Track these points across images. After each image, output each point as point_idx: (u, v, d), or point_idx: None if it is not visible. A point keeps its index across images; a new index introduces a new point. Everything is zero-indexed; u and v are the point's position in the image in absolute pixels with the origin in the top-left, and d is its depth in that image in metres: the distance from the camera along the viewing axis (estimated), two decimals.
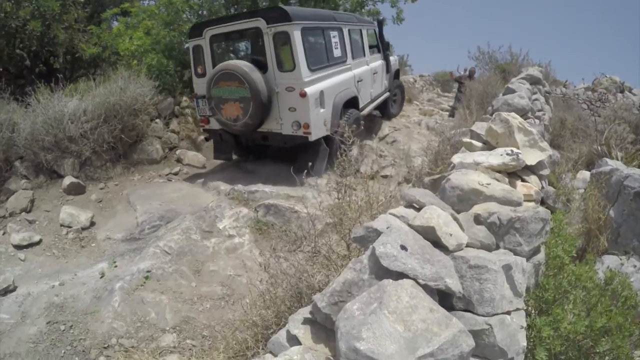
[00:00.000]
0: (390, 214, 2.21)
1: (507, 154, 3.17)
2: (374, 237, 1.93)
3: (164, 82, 9.37)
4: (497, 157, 3.17)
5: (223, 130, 7.06)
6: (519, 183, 3.39)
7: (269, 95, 6.25)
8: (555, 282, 2.31)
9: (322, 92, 6.41)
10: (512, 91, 5.63)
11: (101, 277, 4.81)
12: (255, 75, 6.13)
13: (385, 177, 7.39)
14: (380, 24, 9.74)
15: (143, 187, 7.18)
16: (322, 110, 6.42)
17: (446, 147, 5.11)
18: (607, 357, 2.24)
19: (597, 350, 2.23)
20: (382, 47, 9.65)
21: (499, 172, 3.19)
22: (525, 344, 1.85)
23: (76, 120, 7.16)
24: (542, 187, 3.98)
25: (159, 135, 8.56)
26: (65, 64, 11.73)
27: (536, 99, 6.63)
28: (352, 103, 7.28)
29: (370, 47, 8.99)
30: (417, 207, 2.28)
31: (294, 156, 6.81)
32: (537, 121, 5.55)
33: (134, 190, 6.98)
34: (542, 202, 5.28)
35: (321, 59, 6.75)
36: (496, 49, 17.98)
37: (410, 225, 2.02)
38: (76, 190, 6.85)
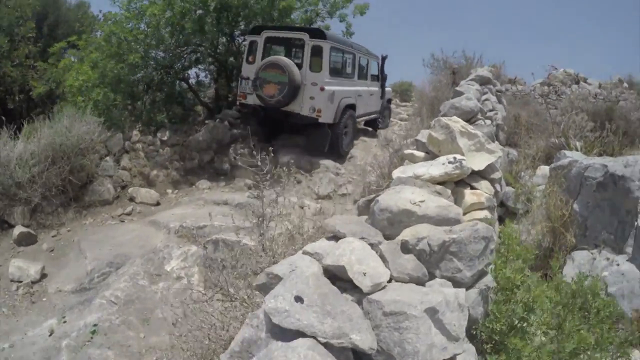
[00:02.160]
0: (304, 252, 1.88)
1: (450, 162, 2.88)
2: (275, 284, 1.60)
3: (112, 118, 8.99)
4: (438, 166, 2.89)
5: (259, 106, 8.90)
6: (467, 192, 3.10)
7: (299, 84, 8.35)
8: (507, 308, 1.98)
9: (333, 92, 8.59)
10: (460, 94, 5.38)
11: (50, 335, 4.53)
12: (294, 69, 8.30)
13: (343, 195, 7.25)
14: (384, 59, 11.59)
15: (95, 231, 6.84)
16: (331, 104, 8.53)
17: (393, 160, 4.84)
18: None
19: None
20: (381, 77, 11.69)
21: (443, 182, 2.91)
22: None
23: (23, 165, 6.81)
24: (497, 191, 3.71)
25: (110, 174, 8.15)
26: (20, 102, 11.28)
27: (486, 99, 6.41)
28: (351, 108, 9.37)
29: (372, 75, 11.23)
30: (339, 238, 1.96)
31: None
32: (488, 122, 5.31)
33: (85, 235, 6.63)
34: (502, 204, 5.03)
35: (337, 71, 9.25)
36: (450, 54, 17.99)
37: (323, 265, 1.70)
38: (27, 240, 6.48)
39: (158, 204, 7.93)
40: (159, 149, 9.04)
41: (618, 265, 3.53)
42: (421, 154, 3.39)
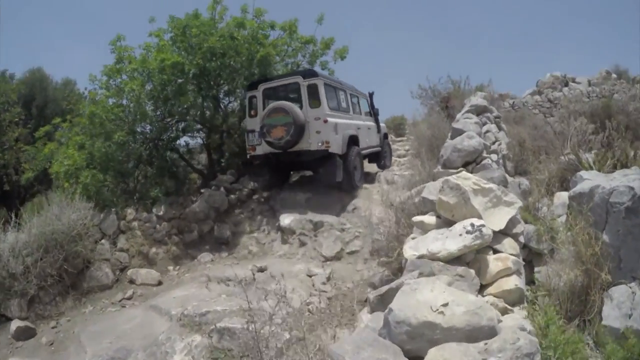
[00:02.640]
0: None
1: (468, 232, 2.52)
2: None
3: (104, 199, 8.69)
4: (455, 239, 2.52)
5: (270, 153, 9.25)
6: (490, 258, 2.72)
7: (303, 123, 8.75)
8: None
9: (336, 124, 9.04)
10: (460, 131, 5.06)
11: None
12: (296, 109, 8.76)
13: (352, 253, 6.89)
14: (371, 96, 12.36)
15: (95, 320, 6.49)
16: (336, 135, 8.95)
17: (400, 220, 4.47)
18: None
19: None
20: (372, 112, 12.24)
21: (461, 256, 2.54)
22: None
23: (16, 256, 6.62)
24: (522, 246, 3.33)
25: (107, 257, 7.84)
26: (16, 183, 11.08)
27: (487, 131, 6.11)
28: (354, 140, 9.75)
29: (365, 111, 11.75)
30: None
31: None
32: (493, 156, 4.97)
33: (85, 326, 6.26)
34: (525, 246, 4.62)
35: (335, 105, 9.57)
36: (436, 81, 18.06)
37: None
38: (25, 334, 6.18)
39: (160, 283, 7.60)
40: (155, 225, 8.70)
41: None
42: (432, 219, 3.03)
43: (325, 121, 8.73)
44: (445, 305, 1.82)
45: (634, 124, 9.41)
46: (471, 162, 4.56)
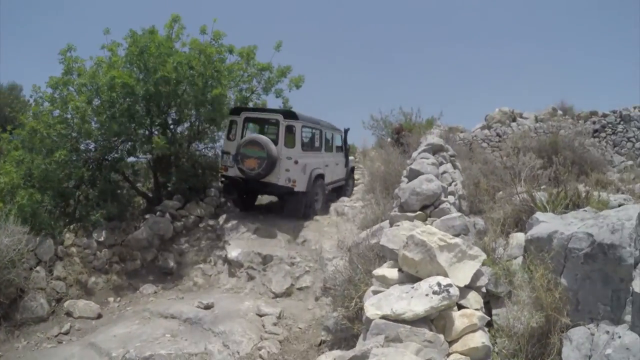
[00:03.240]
0: None
1: (435, 293, 2.40)
2: None
3: (40, 222, 8.09)
4: (421, 299, 2.39)
5: (239, 177, 9.80)
6: (456, 315, 2.61)
7: (276, 159, 9.39)
8: None
9: (305, 164, 9.89)
10: (417, 173, 4.99)
11: None
12: (272, 146, 9.34)
13: (302, 289, 6.77)
14: (346, 132, 13.06)
15: (29, 358, 6.00)
16: (303, 175, 9.82)
17: (355, 265, 4.33)
18: None
19: None
20: (344, 148, 13.08)
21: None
22: None
23: None
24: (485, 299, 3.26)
25: (42, 286, 7.28)
26: None
27: (444, 171, 6.09)
28: (321, 177, 10.67)
29: (337, 146, 12.53)
30: None
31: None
32: (451, 198, 4.93)
33: None
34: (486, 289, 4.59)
35: (308, 146, 10.51)
36: (388, 112, 18.43)
37: None
38: None
39: (99, 316, 7.14)
40: (96, 251, 8.23)
41: (620, 337, 3.16)
42: (394, 274, 2.89)
43: (296, 162, 9.58)
44: None
45: (579, 159, 9.81)
46: (429, 205, 4.49)
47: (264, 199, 12.05)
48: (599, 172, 9.66)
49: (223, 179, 10.57)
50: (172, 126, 10.88)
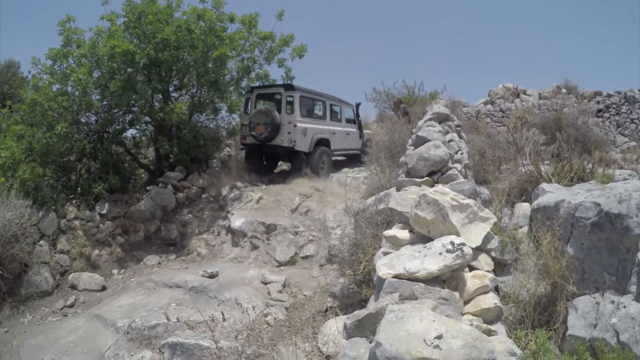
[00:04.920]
0: None
1: (448, 251, 2.35)
2: None
3: (42, 196, 8.03)
4: (435, 258, 2.34)
5: (254, 144, 11.55)
6: (468, 276, 2.57)
7: (279, 124, 11.01)
8: None
9: (306, 128, 11.39)
10: (424, 140, 4.91)
11: None
12: (275, 113, 10.99)
13: (306, 257, 6.76)
14: (357, 106, 14.50)
15: (35, 332, 5.99)
16: (304, 137, 11.30)
17: (363, 229, 4.29)
18: None
19: None
20: (357, 121, 14.41)
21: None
22: None
23: None
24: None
25: (46, 260, 7.28)
26: None
27: (451, 140, 6.01)
28: (325, 143, 12.12)
29: (347, 119, 13.88)
30: None
31: None
32: (458, 166, 4.87)
33: (24, 339, 5.78)
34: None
35: (308, 113, 11.92)
36: (391, 85, 18.32)
37: None
38: None
39: (104, 288, 7.17)
40: (99, 224, 8.22)
41: (625, 307, 3.15)
42: (405, 235, 2.84)
43: (295, 125, 11.07)
44: (440, 337, 1.64)
45: (582, 137, 9.73)
46: (436, 171, 4.44)
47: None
48: (602, 151, 9.62)
49: (242, 146, 12.40)
50: (173, 94, 10.81)
